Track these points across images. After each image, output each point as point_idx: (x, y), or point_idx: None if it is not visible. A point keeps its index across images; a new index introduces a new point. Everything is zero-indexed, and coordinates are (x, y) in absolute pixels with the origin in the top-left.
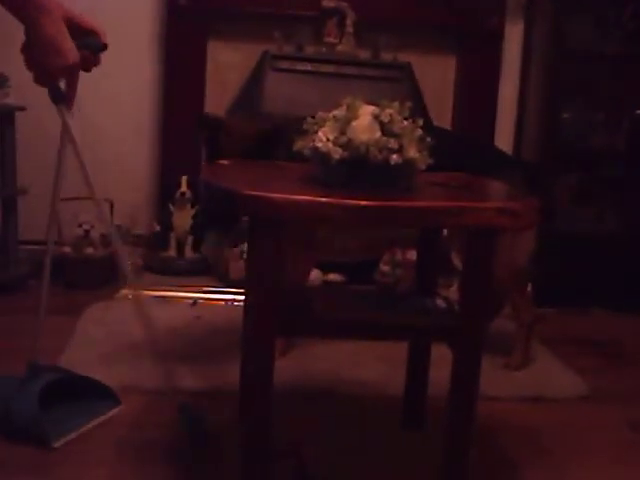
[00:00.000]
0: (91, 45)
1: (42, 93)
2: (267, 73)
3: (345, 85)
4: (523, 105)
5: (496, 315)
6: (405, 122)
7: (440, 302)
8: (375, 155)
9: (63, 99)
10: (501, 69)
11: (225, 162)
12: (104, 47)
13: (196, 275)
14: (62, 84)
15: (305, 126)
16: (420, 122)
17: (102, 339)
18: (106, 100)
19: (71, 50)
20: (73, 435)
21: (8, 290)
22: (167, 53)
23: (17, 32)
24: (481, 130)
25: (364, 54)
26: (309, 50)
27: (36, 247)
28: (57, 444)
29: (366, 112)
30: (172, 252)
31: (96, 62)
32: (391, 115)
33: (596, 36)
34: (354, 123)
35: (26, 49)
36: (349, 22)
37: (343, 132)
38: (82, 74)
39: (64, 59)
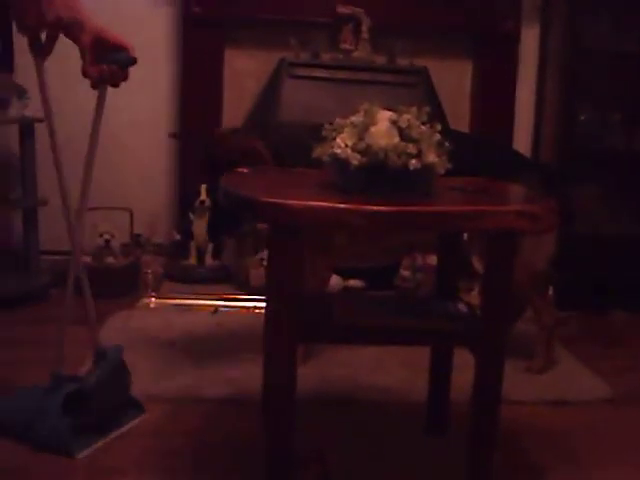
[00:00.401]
0: (119, 60)
1: (61, 105)
2: (284, 80)
3: (362, 91)
4: (540, 107)
5: (518, 318)
6: (423, 127)
7: (462, 306)
8: (394, 160)
9: (40, 50)
10: (518, 71)
11: (244, 170)
12: (133, 61)
13: (216, 283)
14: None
15: (323, 133)
16: (438, 127)
17: (124, 348)
18: (125, 110)
19: (54, 7)
20: (97, 445)
21: (30, 300)
22: (184, 62)
23: None
24: (499, 133)
25: (380, 60)
26: (325, 57)
27: (57, 257)
28: (81, 455)
29: (384, 118)
30: (192, 260)
31: (124, 77)
32: (409, 120)
33: (612, 36)
34: (372, 129)
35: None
36: (364, 28)
37: (361, 138)
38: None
39: (46, 13)
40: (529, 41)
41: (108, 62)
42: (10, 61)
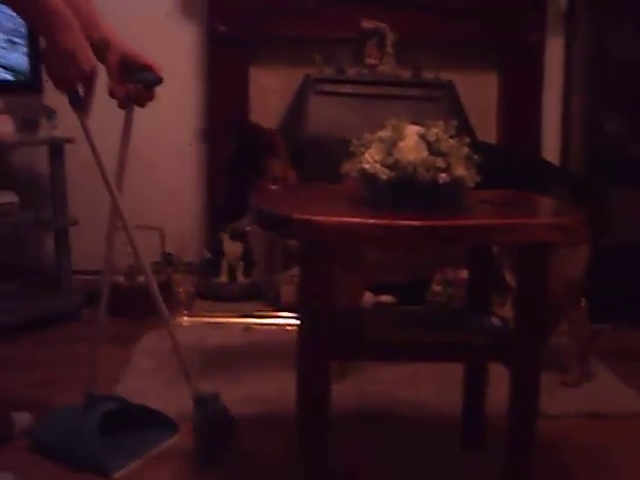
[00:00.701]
0: (146, 79)
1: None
2: (309, 97)
3: (387, 106)
4: (567, 117)
5: (552, 331)
6: (451, 140)
7: (495, 320)
8: (423, 174)
9: (80, 104)
10: (543, 82)
11: (274, 187)
12: (159, 81)
13: (248, 300)
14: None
15: (351, 148)
16: (466, 140)
17: (158, 367)
18: (152, 130)
19: (87, 58)
20: (132, 465)
21: (62, 320)
22: (210, 80)
23: None
24: (526, 145)
25: (405, 74)
26: (350, 72)
27: (89, 277)
28: (117, 474)
29: (412, 132)
30: (224, 278)
31: (150, 97)
32: (437, 134)
33: (639, 45)
34: (400, 143)
35: (45, 58)
36: (389, 42)
37: (390, 153)
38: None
39: (80, 67)
40: (554, 51)
41: (135, 82)
42: (39, 83)
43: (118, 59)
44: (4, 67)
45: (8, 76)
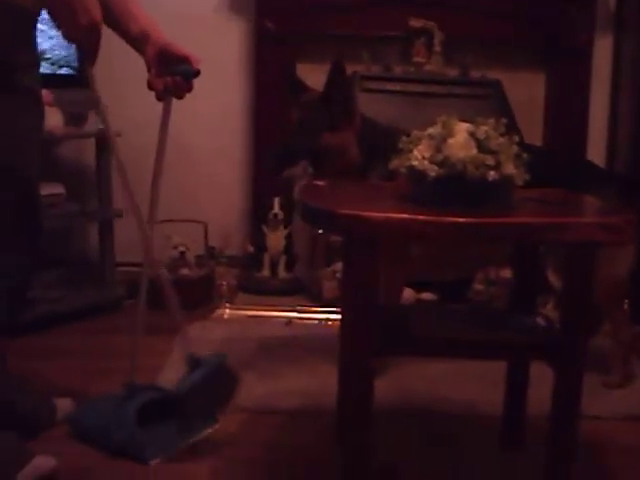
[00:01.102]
0: (184, 71)
1: (136, 119)
2: (356, 94)
3: (434, 104)
4: (614, 119)
5: (595, 332)
6: (501, 138)
7: (540, 320)
8: (472, 172)
9: (86, 56)
10: (591, 83)
11: (320, 182)
12: (197, 73)
13: (290, 295)
14: None
15: (400, 145)
16: (516, 138)
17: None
18: (198, 125)
19: (86, 12)
20: (170, 453)
21: (105, 311)
22: (257, 77)
23: (111, 62)
24: (573, 146)
25: (452, 73)
26: (397, 70)
27: (132, 269)
28: (154, 461)
29: (462, 129)
30: (266, 272)
31: (189, 88)
32: (487, 132)
33: None
34: (450, 140)
35: (51, 10)
36: (437, 41)
37: (439, 150)
38: (180, 104)
39: (88, 16)
40: (603, 51)
41: (172, 74)
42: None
43: (156, 51)
44: (53, 61)
45: (58, 70)
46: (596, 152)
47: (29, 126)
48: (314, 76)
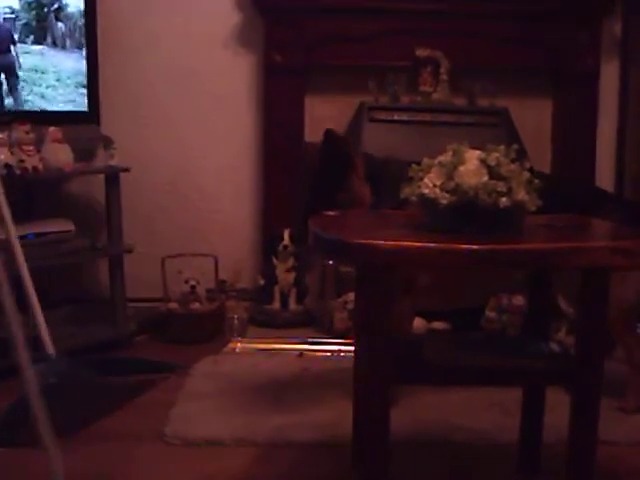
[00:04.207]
0: None
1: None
2: (364, 124)
3: (442, 133)
4: (622, 144)
5: (608, 356)
6: (512, 165)
7: (554, 346)
8: (484, 199)
9: None
10: (598, 109)
11: (331, 212)
12: None
13: (300, 327)
14: None
15: (410, 173)
16: (527, 164)
17: (212, 392)
18: (207, 158)
19: None
20: None
21: (117, 347)
22: (266, 110)
23: (120, 98)
24: (581, 171)
25: (460, 101)
26: (404, 100)
27: (143, 305)
28: None
29: (472, 157)
30: (276, 305)
31: None
32: (498, 158)
33: None
34: (461, 168)
35: None
36: (443, 70)
37: (450, 177)
38: (189, 138)
39: None
40: (609, 77)
41: None
42: (97, 114)
43: None
44: (64, 99)
45: (67, 107)
46: (604, 178)
47: None
48: (322, 107)
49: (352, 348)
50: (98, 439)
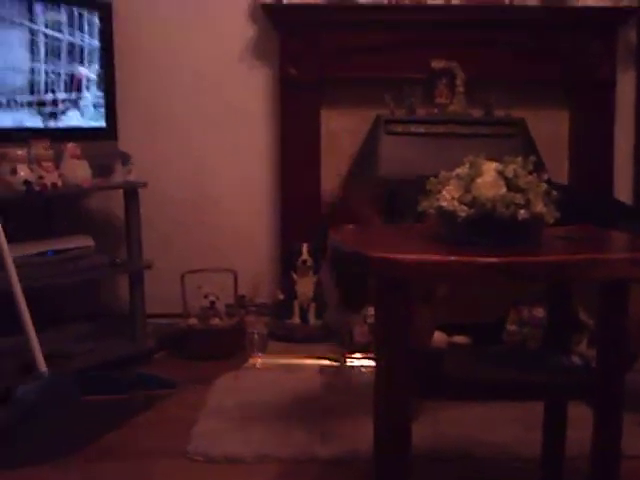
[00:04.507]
0: None
1: (161, 170)
2: (381, 137)
3: (459, 144)
4: None
5: (628, 369)
6: (530, 177)
7: (575, 359)
8: (502, 211)
9: None
10: (615, 118)
11: (350, 226)
12: None
13: (320, 342)
14: None
15: (428, 186)
16: (545, 176)
17: (234, 408)
18: (224, 173)
19: None
20: None
21: (136, 363)
22: (282, 124)
23: (137, 114)
24: (599, 183)
25: (476, 113)
26: (421, 112)
27: (163, 321)
28: None
29: (490, 169)
30: (296, 319)
31: None
32: (515, 170)
33: None
34: (478, 180)
35: None
36: (459, 82)
37: (468, 190)
38: (206, 153)
39: None
40: (625, 86)
41: None
42: (114, 129)
43: None
44: (82, 116)
45: (86, 123)
46: (622, 188)
47: None
48: (338, 120)
49: (372, 362)
50: (120, 456)
